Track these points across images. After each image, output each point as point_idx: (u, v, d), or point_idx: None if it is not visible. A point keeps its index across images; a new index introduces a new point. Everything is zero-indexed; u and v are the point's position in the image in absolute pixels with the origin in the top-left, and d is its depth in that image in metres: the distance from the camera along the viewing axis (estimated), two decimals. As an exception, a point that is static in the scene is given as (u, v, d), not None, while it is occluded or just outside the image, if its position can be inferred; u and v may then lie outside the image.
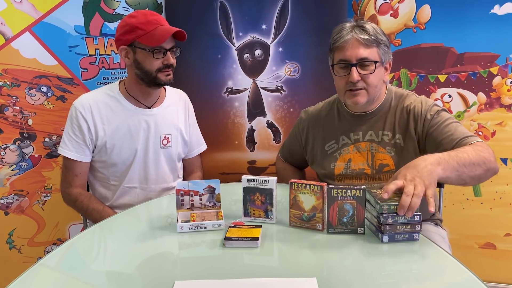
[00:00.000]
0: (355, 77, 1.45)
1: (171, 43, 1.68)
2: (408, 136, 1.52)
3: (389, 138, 1.54)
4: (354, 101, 1.50)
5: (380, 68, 1.50)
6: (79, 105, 1.71)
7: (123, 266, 1.14)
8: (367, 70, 1.47)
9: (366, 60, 1.46)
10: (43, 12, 2.20)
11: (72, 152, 1.71)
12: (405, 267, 1.12)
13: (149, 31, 1.62)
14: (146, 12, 1.68)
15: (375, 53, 1.47)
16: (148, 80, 1.69)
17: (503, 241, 2.25)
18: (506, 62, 2.16)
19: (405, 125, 1.53)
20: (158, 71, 1.67)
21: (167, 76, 1.69)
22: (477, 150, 1.33)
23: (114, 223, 1.46)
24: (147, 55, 1.65)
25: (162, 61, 1.66)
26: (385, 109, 1.57)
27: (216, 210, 1.36)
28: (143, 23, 1.63)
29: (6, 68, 2.19)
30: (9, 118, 2.23)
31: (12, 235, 2.31)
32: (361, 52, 1.46)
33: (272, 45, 2.22)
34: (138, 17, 1.65)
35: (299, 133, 1.75)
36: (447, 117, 1.49)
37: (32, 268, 1.09)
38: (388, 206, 1.16)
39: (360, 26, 1.48)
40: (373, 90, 1.50)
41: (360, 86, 1.48)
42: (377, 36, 1.47)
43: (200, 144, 2.00)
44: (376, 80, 1.49)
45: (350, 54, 1.46)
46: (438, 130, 1.47)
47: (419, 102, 1.53)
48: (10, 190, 2.28)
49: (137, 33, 1.63)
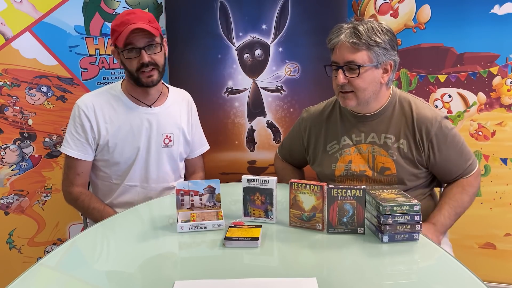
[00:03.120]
0: (340, 80, 1.47)
1: (145, 39, 1.63)
2: (414, 144, 1.52)
3: (392, 142, 1.54)
4: (344, 103, 1.53)
5: (371, 71, 1.47)
6: (82, 104, 1.72)
7: (123, 266, 1.14)
8: (353, 73, 1.47)
9: (352, 63, 1.46)
10: (43, 12, 2.20)
11: (74, 151, 1.71)
12: (405, 267, 1.12)
13: (120, 32, 1.63)
14: (124, 13, 1.68)
15: (365, 56, 1.46)
16: (134, 80, 1.70)
17: (503, 241, 2.25)
18: (506, 62, 2.16)
19: (412, 133, 1.52)
20: (138, 72, 1.66)
21: (148, 77, 1.67)
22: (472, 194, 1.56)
23: (114, 223, 1.46)
24: (123, 56, 1.66)
25: (137, 60, 1.65)
26: (388, 112, 1.56)
27: (216, 210, 1.36)
28: (117, 25, 1.65)
29: (6, 68, 2.19)
30: (9, 118, 2.23)
31: (12, 235, 2.31)
32: (348, 56, 1.46)
33: (272, 45, 2.22)
34: (116, 19, 1.67)
35: (300, 133, 1.74)
36: (457, 143, 1.55)
37: (32, 268, 1.10)
38: (391, 207, 1.16)
39: (354, 28, 1.47)
40: (361, 93, 1.49)
41: (348, 89, 1.49)
42: (370, 39, 1.44)
43: (203, 144, 2.00)
44: (364, 83, 1.47)
45: (338, 56, 1.48)
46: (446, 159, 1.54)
47: (429, 114, 1.52)
48: (10, 190, 2.28)
49: (114, 35, 1.66)
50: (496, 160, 2.22)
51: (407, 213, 1.17)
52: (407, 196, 1.24)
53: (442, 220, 1.49)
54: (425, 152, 1.52)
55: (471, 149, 1.61)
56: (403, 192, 1.28)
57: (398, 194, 1.24)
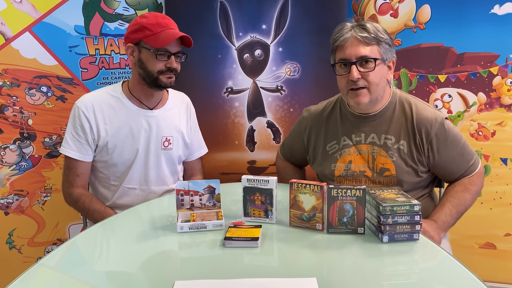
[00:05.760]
0: (355, 75, 1.44)
1: (177, 47, 1.69)
2: (414, 145, 1.52)
3: (392, 143, 1.54)
4: (357, 101, 1.49)
5: (382, 66, 1.49)
6: (82, 105, 1.71)
7: (123, 266, 1.13)
8: (367, 68, 1.46)
9: (366, 57, 1.45)
10: (43, 12, 2.20)
11: (74, 152, 1.71)
12: (405, 267, 1.12)
13: (156, 33, 1.64)
14: (157, 15, 1.70)
15: (376, 51, 1.47)
16: (149, 81, 1.70)
17: (503, 241, 2.26)
18: (506, 62, 2.16)
19: (412, 134, 1.52)
20: (159, 73, 1.68)
21: (168, 78, 1.69)
22: (474, 193, 1.55)
23: (114, 223, 1.46)
24: (150, 56, 1.66)
25: (165, 64, 1.67)
26: (389, 113, 1.56)
27: (216, 210, 1.36)
28: (152, 24, 1.65)
29: (6, 68, 2.19)
30: (9, 118, 2.23)
31: (12, 235, 2.31)
32: (361, 50, 1.45)
33: (272, 45, 2.22)
34: (149, 18, 1.68)
35: (300, 132, 1.75)
36: (458, 143, 1.54)
37: (32, 268, 1.09)
38: (391, 207, 1.16)
39: (360, 25, 1.48)
40: (375, 88, 1.48)
41: (361, 85, 1.47)
42: (377, 34, 1.46)
43: (201, 147, 2.00)
44: (378, 78, 1.47)
45: (349, 52, 1.46)
46: (447, 159, 1.54)
47: (429, 115, 1.52)
48: (10, 190, 2.28)
49: (145, 33, 1.65)
50: (496, 160, 2.22)
51: (407, 213, 1.17)
52: (407, 196, 1.24)
53: (444, 218, 1.48)
54: (425, 153, 1.52)
55: (471, 149, 1.61)
56: (403, 192, 1.28)
57: (398, 194, 1.24)
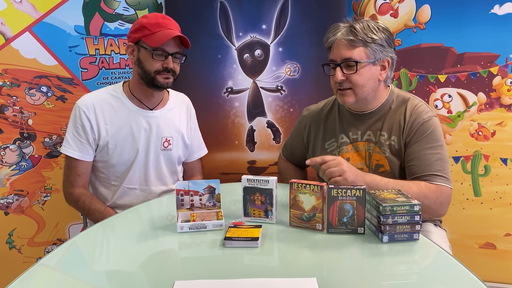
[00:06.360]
0: (338, 77, 1.49)
1: (175, 48, 1.69)
2: (402, 138, 1.53)
3: (384, 139, 1.55)
4: (343, 100, 1.54)
5: (369, 67, 1.50)
6: (83, 105, 1.72)
7: (123, 266, 1.13)
8: (351, 70, 1.49)
9: (349, 60, 1.48)
10: (43, 12, 2.20)
11: (75, 151, 1.71)
12: (405, 267, 1.12)
13: (154, 32, 1.65)
14: (158, 15, 1.72)
15: (362, 53, 1.48)
16: (147, 80, 1.70)
17: (503, 241, 2.26)
18: (506, 62, 2.16)
19: (402, 128, 1.53)
20: (156, 73, 1.68)
21: (165, 79, 1.69)
22: (423, 194, 1.40)
23: (114, 223, 1.46)
24: (148, 55, 1.67)
25: (162, 63, 1.67)
26: (385, 110, 1.58)
27: (216, 210, 1.36)
28: (151, 24, 1.66)
29: (6, 68, 2.19)
30: (9, 118, 2.23)
31: (12, 235, 2.31)
32: (345, 53, 1.49)
33: (272, 45, 2.22)
34: (149, 18, 1.69)
35: (300, 131, 1.76)
36: (435, 143, 1.49)
37: (32, 268, 1.09)
38: (391, 207, 1.16)
39: (350, 26, 1.50)
40: (360, 90, 1.50)
41: (346, 86, 1.51)
42: (366, 36, 1.47)
43: (201, 148, 2.00)
44: (362, 79, 1.49)
45: (335, 54, 1.51)
46: (418, 151, 1.48)
47: (421, 110, 1.52)
48: (10, 190, 2.28)
49: (144, 32, 1.66)
50: (496, 160, 2.22)
51: (407, 213, 1.17)
52: (407, 196, 1.24)
53: (378, 179, 1.43)
54: (406, 142, 1.52)
55: (471, 149, 1.61)
56: (403, 192, 1.28)
57: (398, 194, 1.24)
